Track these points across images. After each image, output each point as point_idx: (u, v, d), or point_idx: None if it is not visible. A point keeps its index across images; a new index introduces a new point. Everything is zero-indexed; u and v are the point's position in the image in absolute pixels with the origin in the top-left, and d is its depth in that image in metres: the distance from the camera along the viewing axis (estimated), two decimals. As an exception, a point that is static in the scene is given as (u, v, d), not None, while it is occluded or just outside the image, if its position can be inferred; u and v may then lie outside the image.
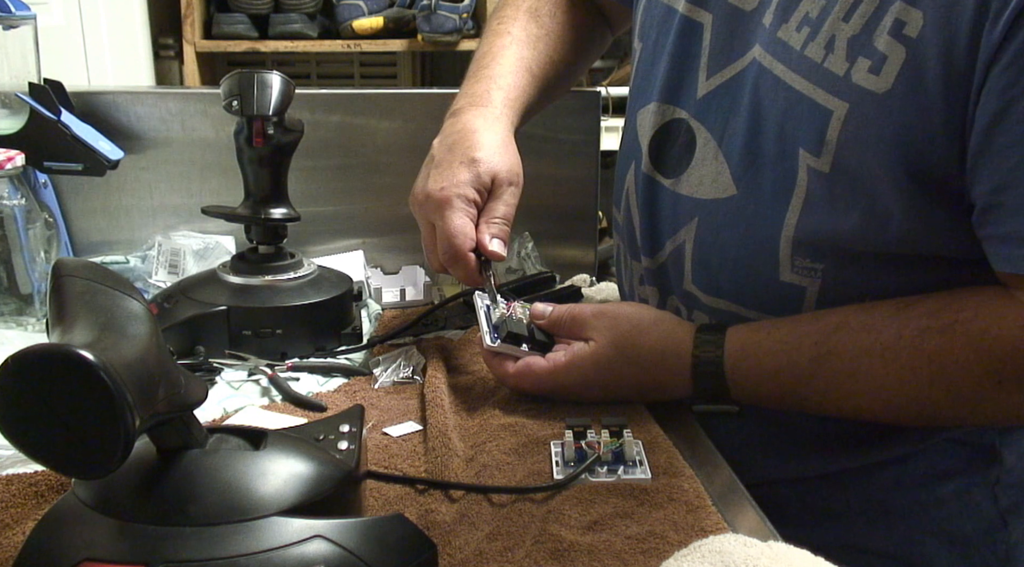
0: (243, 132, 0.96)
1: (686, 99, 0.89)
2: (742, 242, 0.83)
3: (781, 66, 0.79)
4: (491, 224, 0.91)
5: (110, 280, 0.56)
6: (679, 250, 0.89)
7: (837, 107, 0.74)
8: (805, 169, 0.77)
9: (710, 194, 0.86)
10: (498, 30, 1.07)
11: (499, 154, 0.92)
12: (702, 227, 0.87)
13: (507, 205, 0.92)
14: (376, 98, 1.26)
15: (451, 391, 0.86)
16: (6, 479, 0.69)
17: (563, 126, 1.26)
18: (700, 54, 0.87)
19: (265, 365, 0.91)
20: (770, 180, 0.80)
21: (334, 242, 1.25)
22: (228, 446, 0.58)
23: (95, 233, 1.23)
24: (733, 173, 0.84)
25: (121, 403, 0.46)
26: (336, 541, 0.53)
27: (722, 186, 0.85)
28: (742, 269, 0.84)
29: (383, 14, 2.35)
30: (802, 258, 0.79)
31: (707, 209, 0.86)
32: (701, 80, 0.87)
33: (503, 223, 0.91)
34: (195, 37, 2.29)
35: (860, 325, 0.75)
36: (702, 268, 0.87)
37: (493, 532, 0.63)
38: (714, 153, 0.85)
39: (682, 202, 0.88)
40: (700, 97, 0.87)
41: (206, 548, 0.51)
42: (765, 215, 0.81)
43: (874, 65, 0.73)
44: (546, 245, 1.27)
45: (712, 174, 0.85)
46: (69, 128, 1.10)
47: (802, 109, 0.77)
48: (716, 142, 0.85)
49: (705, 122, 0.87)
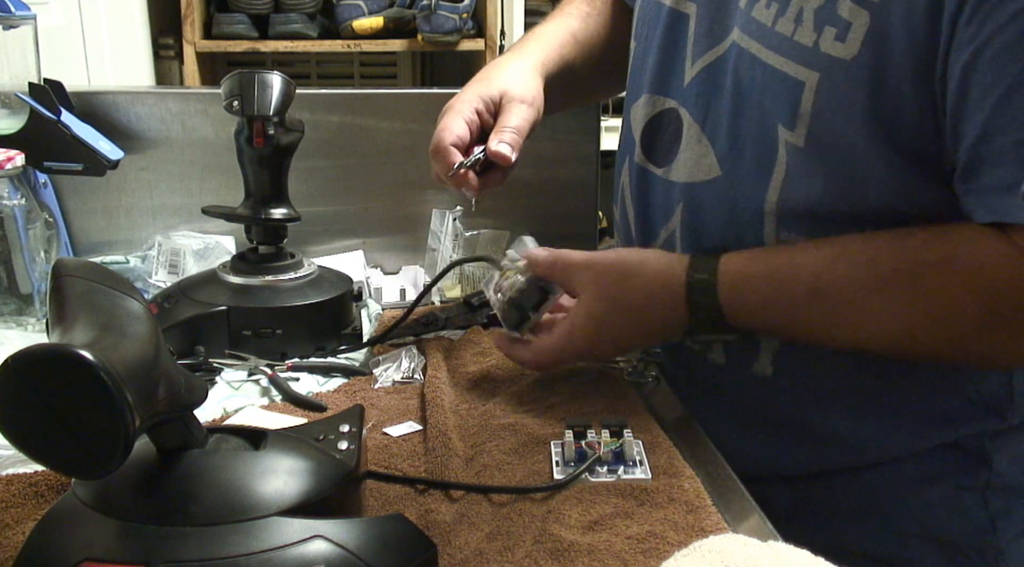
0: (243, 132, 0.96)
1: (674, 88, 0.90)
2: (728, 222, 0.84)
3: (756, 44, 0.80)
4: (499, 131, 0.91)
5: (110, 280, 0.56)
6: (671, 238, 0.90)
7: (808, 78, 0.75)
8: (784, 145, 0.78)
9: (696, 177, 0.86)
10: (554, 11, 1.12)
11: (514, 78, 0.94)
12: (688, 211, 0.87)
13: (519, 118, 0.92)
14: (376, 98, 1.26)
15: (451, 391, 0.86)
16: (6, 479, 0.69)
17: (563, 126, 1.26)
18: (686, 43, 0.89)
19: (265, 365, 0.91)
20: (751, 159, 0.81)
21: (334, 242, 1.25)
22: (228, 446, 0.58)
23: (95, 233, 1.23)
24: (717, 154, 0.84)
25: (121, 403, 0.46)
26: (336, 541, 0.53)
27: (707, 168, 0.85)
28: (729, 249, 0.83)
29: (383, 14, 2.35)
30: (787, 231, 0.80)
31: (694, 192, 0.87)
32: (687, 67, 0.88)
33: (512, 132, 0.91)
34: (195, 37, 2.29)
35: (858, 256, 0.75)
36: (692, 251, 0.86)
37: (493, 532, 0.63)
38: (698, 136, 0.86)
39: (672, 189, 0.89)
40: (686, 84, 0.88)
41: (206, 548, 0.51)
42: (748, 193, 0.81)
43: (839, 32, 0.73)
44: (546, 245, 1.26)
45: (696, 157, 0.86)
46: (69, 128, 1.10)
47: (777, 84, 0.78)
48: (699, 125, 0.86)
49: (690, 108, 0.88)
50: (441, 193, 1.26)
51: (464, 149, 0.91)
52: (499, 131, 0.91)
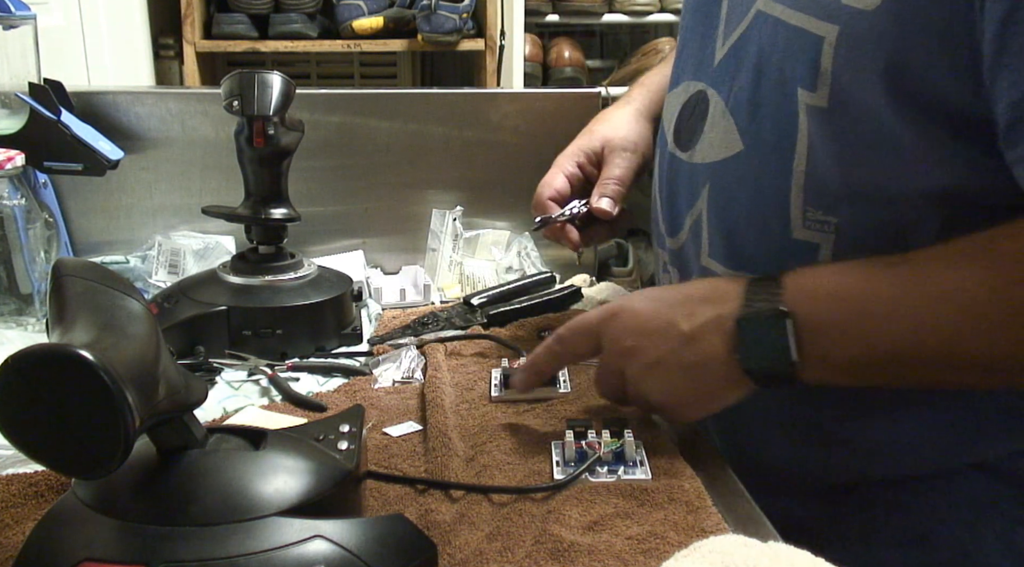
0: (243, 132, 0.96)
1: (705, 70, 0.84)
2: (753, 200, 0.77)
3: (779, 6, 0.74)
4: (602, 184, 0.93)
5: (110, 280, 0.56)
6: (697, 223, 0.83)
7: (828, 32, 0.69)
8: (804, 110, 0.71)
9: (720, 155, 0.80)
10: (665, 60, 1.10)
11: (616, 127, 0.96)
12: (714, 191, 0.81)
13: (620, 168, 0.94)
14: (376, 98, 1.26)
15: (451, 391, 0.86)
16: (6, 479, 0.69)
17: (563, 126, 1.26)
18: (719, 23, 0.83)
19: (265, 365, 0.91)
20: (772, 127, 0.75)
21: (334, 242, 1.25)
22: (228, 446, 0.58)
23: (95, 233, 1.23)
24: (739, 127, 0.78)
25: (121, 403, 0.46)
26: (336, 541, 0.53)
27: (730, 144, 0.79)
28: (754, 230, 0.77)
29: (383, 14, 2.35)
30: (814, 210, 0.72)
31: (718, 172, 0.80)
32: (718, 47, 0.83)
33: (614, 183, 0.93)
34: (195, 37, 2.29)
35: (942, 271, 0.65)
36: (718, 236, 0.81)
37: (493, 532, 0.63)
38: (722, 112, 0.80)
39: (697, 172, 0.83)
40: (716, 65, 0.83)
41: (206, 548, 0.51)
42: (771, 166, 0.75)
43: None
44: (546, 245, 1.27)
45: (721, 134, 0.80)
46: (69, 128, 1.10)
47: (796, 43, 0.71)
48: (724, 102, 0.80)
49: (718, 87, 0.82)
50: (441, 193, 1.26)
51: (563, 202, 0.95)
52: (601, 184, 0.93)
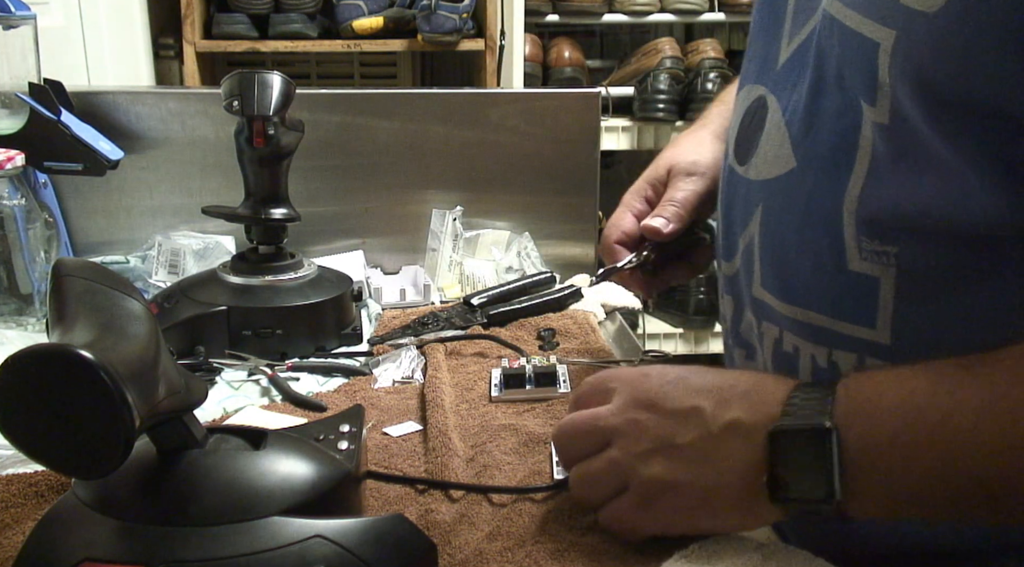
0: (243, 132, 0.96)
1: (768, 73, 0.75)
2: (803, 224, 0.67)
3: (838, 3, 0.64)
4: (660, 206, 0.86)
5: (110, 280, 0.56)
6: (749, 248, 0.73)
7: (884, 38, 0.58)
8: (869, 126, 0.61)
9: (773, 172, 0.70)
10: None
11: (685, 151, 0.90)
12: (767, 213, 0.71)
13: (682, 191, 0.86)
14: (376, 98, 1.26)
15: (451, 391, 0.86)
16: (6, 479, 0.69)
17: (563, 126, 1.26)
18: (784, 20, 0.74)
19: (265, 365, 0.91)
20: (828, 143, 0.65)
21: (334, 242, 1.25)
22: (228, 446, 0.58)
23: (95, 233, 1.23)
24: (793, 141, 0.68)
25: (121, 403, 0.46)
26: (336, 541, 0.53)
27: (783, 160, 0.69)
28: (807, 260, 0.67)
29: (383, 14, 2.34)
30: (870, 239, 0.61)
31: (770, 190, 0.71)
32: (782, 48, 0.73)
33: (672, 204, 0.85)
34: (195, 37, 2.29)
35: None
36: (770, 265, 0.71)
37: (493, 532, 0.63)
38: (778, 123, 0.71)
39: (752, 190, 0.74)
40: (779, 68, 0.73)
41: (206, 548, 0.51)
42: (824, 186, 0.65)
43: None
44: (546, 245, 1.27)
45: (775, 148, 0.70)
46: (69, 128, 1.10)
47: (854, 49, 0.62)
48: (782, 111, 0.71)
49: (778, 93, 0.72)
50: (441, 193, 1.26)
51: (631, 244, 0.88)
52: (659, 206, 0.86)
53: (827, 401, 0.55)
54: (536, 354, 0.94)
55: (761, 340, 0.72)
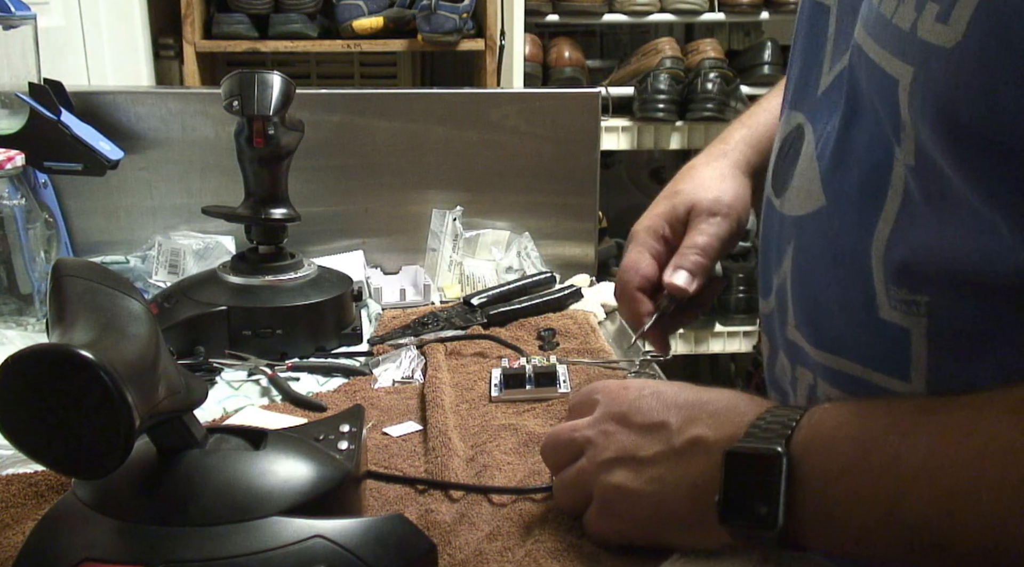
0: (243, 132, 0.96)
1: (808, 100, 0.70)
2: (833, 266, 0.63)
3: (864, 33, 0.60)
4: (679, 255, 0.79)
5: (110, 280, 0.56)
6: (783, 287, 0.69)
7: (902, 74, 0.54)
8: (901, 164, 0.57)
9: (804, 208, 0.66)
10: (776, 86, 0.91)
11: (707, 187, 0.81)
12: (798, 251, 0.67)
13: (706, 235, 0.79)
14: (376, 98, 1.26)
15: (451, 391, 0.86)
16: (6, 479, 0.69)
17: (563, 126, 1.26)
18: (826, 43, 0.68)
19: (265, 365, 0.91)
20: (857, 179, 0.60)
21: (334, 242, 1.25)
22: (228, 446, 0.58)
23: (95, 233, 1.23)
24: (823, 176, 0.64)
25: (121, 403, 0.46)
26: (336, 541, 0.53)
27: (813, 196, 0.65)
28: (837, 304, 0.63)
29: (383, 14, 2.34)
30: (898, 287, 0.57)
31: (801, 228, 0.67)
32: (823, 73, 0.68)
33: (695, 252, 0.79)
34: (195, 37, 2.29)
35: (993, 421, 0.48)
36: (802, 307, 0.67)
37: (493, 532, 0.63)
38: (811, 156, 0.66)
39: (785, 225, 0.69)
40: (820, 94, 0.68)
41: (206, 548, 0.51)
42: (852, 227, 0.60)
43: (942, 10, 0.51)
44: (546, 245, 1.27)
45: (807, 183, 0.66)
46: (69, 128, 1.10)
47: (878, 84, 0.57)
48: (815, 142, 0.66)
49: (815, 122, 0.67)
50: (441, 193, 1.26)
51: (651, 290, 0.81)
52: (680, 254, 0.79)
53: (790, 426, 0.54)
54: (536, 354, 0.94)
55: (795, 386, 0.69)
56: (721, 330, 2.49)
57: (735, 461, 0.54)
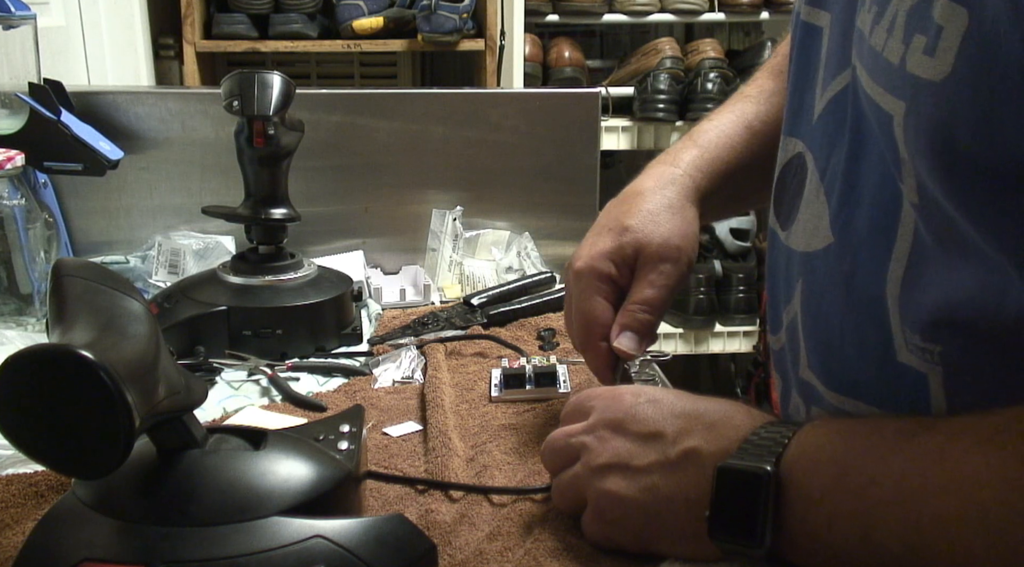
0: (243, 132, 0.96)
1: (804, 125, 0.68)
2: (847, 309, 0.60)
3: (859, 64, 0.58)
4: (626, 312, 0.76)
5: (110, 280, 0.56)
6: (793, 325, 0.67)
7: (895, 110, 0.52)
8: (909, 202, 0.54)
9: (812, 245, 0.64)
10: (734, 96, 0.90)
11: (656, 223, 0.78)
12: (807, 289, 0.65)
13: (654, 287, 0.76)
14: (376, 98, 1.26)
15: (451, 391, 0.86)
16: (6, 479, 0.69)
17: (563, 126, 1.26)
18: (819, 66, 0.66)
19: (265, 365, 0.91)
20: (867, 217, 0.58)
21: (334, 242, 1.25)
22: (228, 446, 0.58)
23: (95, 233, 1.23)
24: (831, 213, 0.62)
25: (121, 403, 0.46)
26: (336, 541, 0.53)
27: (821, 233, 0.63)
28: (853, 347, 0.60)
29: (383, 14, 2.34)
30: (913, 334, 0.55)
31: (810, 265, 0.64)
32: (817, 97, 0.66)
33: (642, 310, 0.76)
34: (195, 37, 2.29)
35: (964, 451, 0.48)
36: (814, 347, 0.64)
37: (493, 532, 0.63)
38: (816, 189, 0.64)
39: (792, 260, 0.67)
40: (815, 120, 0.66)
41: (206, 548, 0.51)
42: (865, 268, 0.58)
43: (929, 43, 0.49)
44: (546, 245, 1.27)
45: (814, 218, 0.64)
46: (69, 128, 1.10)
47: (877, 119, 0.56)
48: (819, 174, 0.64)
49: (815, 151, 0.65)
50: (441, 193, 1.26)
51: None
52: (626, 312, 0.76)
53: (782, 444, 0.54)
54: (536, 354, 0.94)
55: None
56: (721, 330, 2.49)
57: (726, 477, 0.54)
